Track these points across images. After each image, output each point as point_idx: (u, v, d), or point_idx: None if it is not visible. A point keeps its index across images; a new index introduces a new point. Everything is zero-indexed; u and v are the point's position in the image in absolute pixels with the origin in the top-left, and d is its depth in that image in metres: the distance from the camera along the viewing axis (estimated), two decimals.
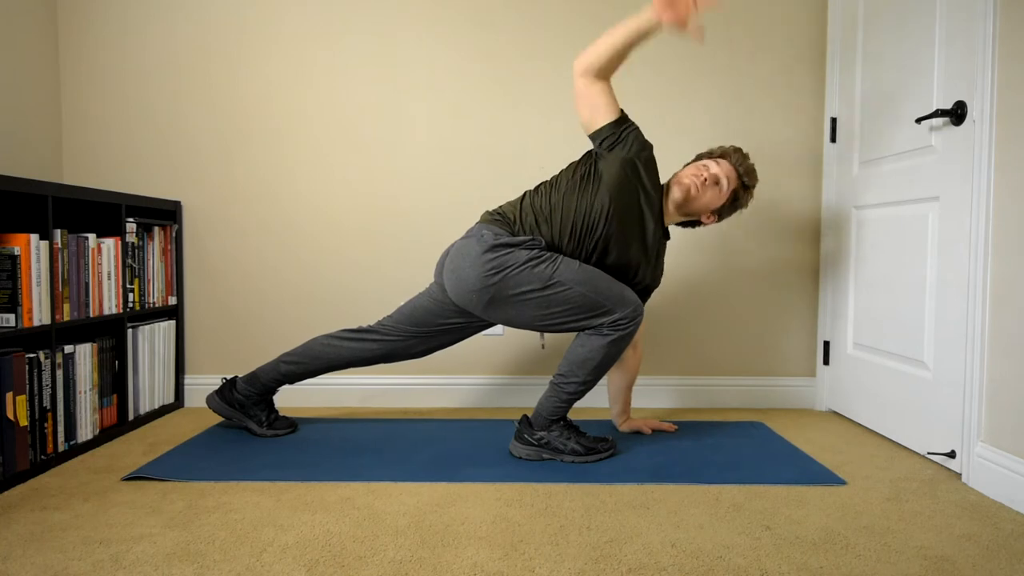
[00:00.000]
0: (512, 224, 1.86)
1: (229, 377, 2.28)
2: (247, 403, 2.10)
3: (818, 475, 1.75)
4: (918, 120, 1.87)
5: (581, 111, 1.85)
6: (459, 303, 1.87)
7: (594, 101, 1.82)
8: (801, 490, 1.66)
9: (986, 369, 1.66)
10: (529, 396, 2.51)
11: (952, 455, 1.79)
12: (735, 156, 1.97)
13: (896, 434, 2.05)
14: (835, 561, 1.28)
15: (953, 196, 1.79)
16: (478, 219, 1.90)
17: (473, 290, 1.81)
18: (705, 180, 1.90)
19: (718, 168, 1.93)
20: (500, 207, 1.93)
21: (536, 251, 1.79)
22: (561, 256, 1.81)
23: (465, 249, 1.83)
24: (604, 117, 1.83)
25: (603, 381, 2.49)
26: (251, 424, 2.09)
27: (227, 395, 2.11)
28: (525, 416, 1.91)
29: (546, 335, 2.49)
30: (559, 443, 1.86)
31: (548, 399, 1.87)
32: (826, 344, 2.48)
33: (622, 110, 1.86)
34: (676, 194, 1.92)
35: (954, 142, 1.79)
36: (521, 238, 1.81)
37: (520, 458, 1.88)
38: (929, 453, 1.86)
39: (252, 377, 2.09)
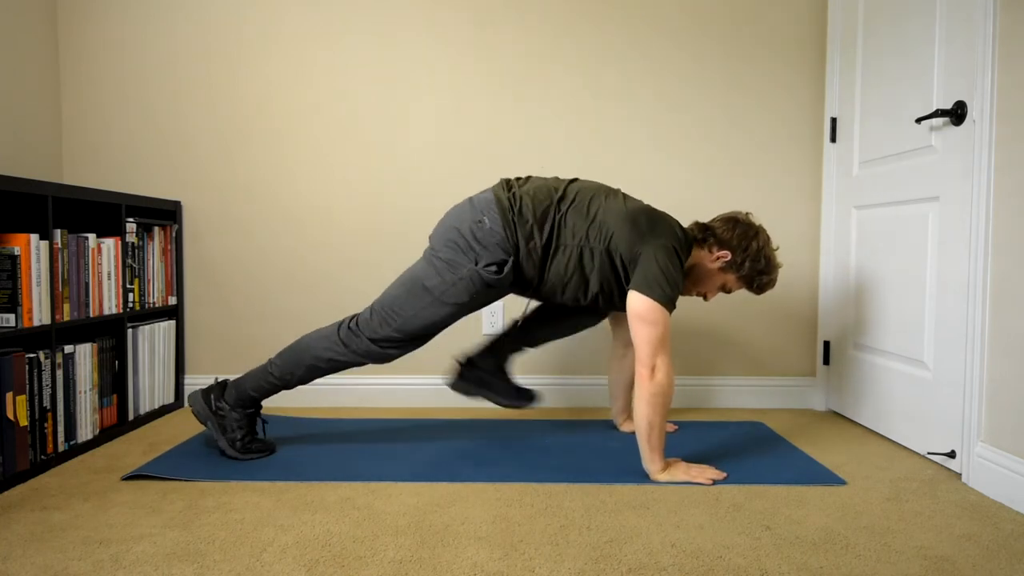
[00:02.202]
0: (511, 214, 1.77)
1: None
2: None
3: (818, 475, 1.75)
4: (918, 120, 1.87)
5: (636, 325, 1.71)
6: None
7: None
8: (801, 490, 1.66)
9: (986, 369, 1.66)
10: None
11: (952, 455, 1.78)
12: (745, 266, 1.83)
13: (896, 434, 2.05)
14: (835, 561, 1.28)
15: (953, 196, 1.79)
16: (499, 181, 1.85)
17: (435, 234, 1.83)
18: (707, 297, 1.94)
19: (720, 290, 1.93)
20: (522, 192, 1.80)
21: (477, 282, 1.76)
22: (469, 284, 1.77)
23: (463, 215, 1.79)
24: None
25: (604, 381, 2.49)
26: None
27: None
28: (227, 380, 1.91)
29: None
30: (229, 425, 1.86)
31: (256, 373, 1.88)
32: (826, 344, 2.48)
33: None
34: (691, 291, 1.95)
35: (954, 142, 1.79)
36: (490, 259, 1.75)
37: (193, 412, 1.90)
38: (929, 453, 1.86)
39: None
